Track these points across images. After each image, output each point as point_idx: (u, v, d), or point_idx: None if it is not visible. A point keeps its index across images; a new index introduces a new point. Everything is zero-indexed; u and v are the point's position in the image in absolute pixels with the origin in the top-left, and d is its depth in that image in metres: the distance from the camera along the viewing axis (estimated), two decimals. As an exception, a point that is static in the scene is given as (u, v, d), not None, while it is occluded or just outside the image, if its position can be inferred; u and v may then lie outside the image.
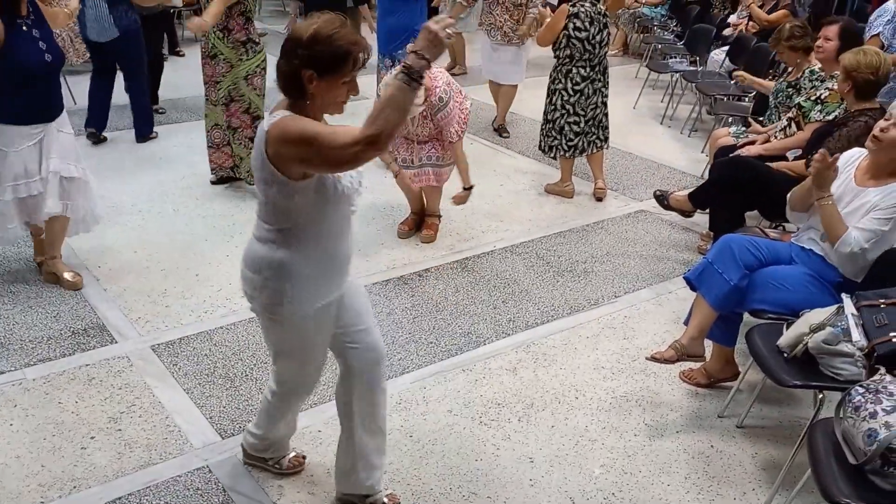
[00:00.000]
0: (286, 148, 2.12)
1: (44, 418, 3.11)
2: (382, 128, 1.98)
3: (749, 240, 3.30)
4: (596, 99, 5.33)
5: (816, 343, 2.76)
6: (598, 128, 5.41)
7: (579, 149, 5.40)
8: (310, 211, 2.25)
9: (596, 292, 4.26)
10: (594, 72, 5.26)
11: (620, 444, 3.10)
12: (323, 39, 2.11)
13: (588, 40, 5.13)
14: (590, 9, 5.13)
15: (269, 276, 2.32)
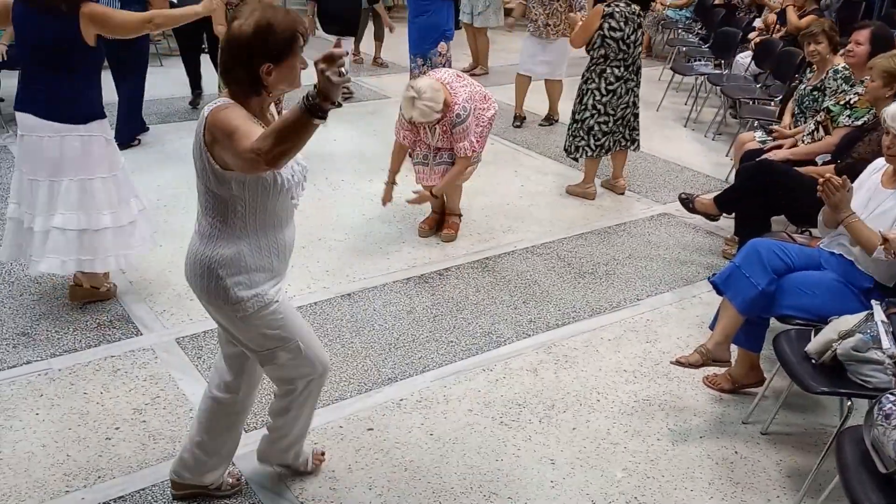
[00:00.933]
0: (216, 135, 2.11)
1: (69, 408, 3.14)
2: (271, 148, 1.92)
3: (777, 244, 3.28)
4: (628, 99, 5.31)
5: (845, 350, 2.73)
6: (626, 128, 5.39)
7: (605, 148, 5.38)
8: (248, 200, 2.23)
9: (618, 295, 4.24)
10: (628, 72, 5.23)
11: (643, 448, 3.08)
12: (268, 29, 2.10)
13: (623, 40, 5.11)
14: (624, 9, 5.11)
15: (206, 274, 2.31)
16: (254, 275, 2.32)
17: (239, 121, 2.09)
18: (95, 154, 3.56)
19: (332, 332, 3.74)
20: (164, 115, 6.85)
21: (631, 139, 5.46)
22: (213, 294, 2.33)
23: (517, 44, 9.91)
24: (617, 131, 5.36)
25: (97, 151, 3.56)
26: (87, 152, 3.53)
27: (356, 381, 3.40)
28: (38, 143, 3.46)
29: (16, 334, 3.60)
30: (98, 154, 3.57)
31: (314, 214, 4.97)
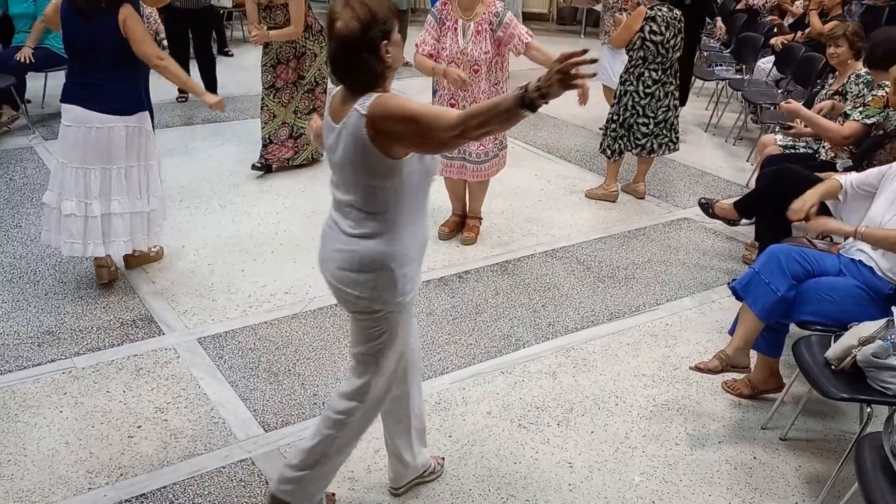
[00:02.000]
0: (390, 125, 2.10)
1: (92, 406, 3.19)
2: (477, 126, 1.98)
3: (797, 250, 3.26)
4: (667, 101, 5.32)
5: (865, 356, 2.72)
6: (671, 130, 5.40)
7: (647, 149, 5.40)
8: (405, 191, 2.23)
9: (637, 299, 4.24)
10: (665, 75, 5.25)
11: (661, 453, 3.08)
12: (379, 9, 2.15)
13: (662, 44, 5.13)
14: (667, 13, 5.13)
15: (379, 270, 2.28)
16: (413, 265, 2.34)
17: (413, 103, 2.12)
18: (139, 144, 3.81)
19: (351, 333, 3.77)
20: (186, 118, 6.93)
21: (675, 140, 5.47)
22: (379, 289, 2.29)
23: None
24: (661, 133, 5.37)
25: (140, 141, 3.81)
26: (132, 142, 3.78)
27: (375, 382, 3.42)
28: (87, 134, 3.68)
29: (41, 332, 3.66)
30: (140, 144, 3.82)
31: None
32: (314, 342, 3.70)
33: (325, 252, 2.37)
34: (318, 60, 5.54)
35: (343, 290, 2.33)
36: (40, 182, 5.33)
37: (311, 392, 3.34)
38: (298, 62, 5.50)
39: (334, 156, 2.27)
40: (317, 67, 5.55)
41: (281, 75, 5.48)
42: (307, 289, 4.16)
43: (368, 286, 2.29)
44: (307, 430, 3.06)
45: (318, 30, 5.52)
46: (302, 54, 5.47)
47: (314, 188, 5.47)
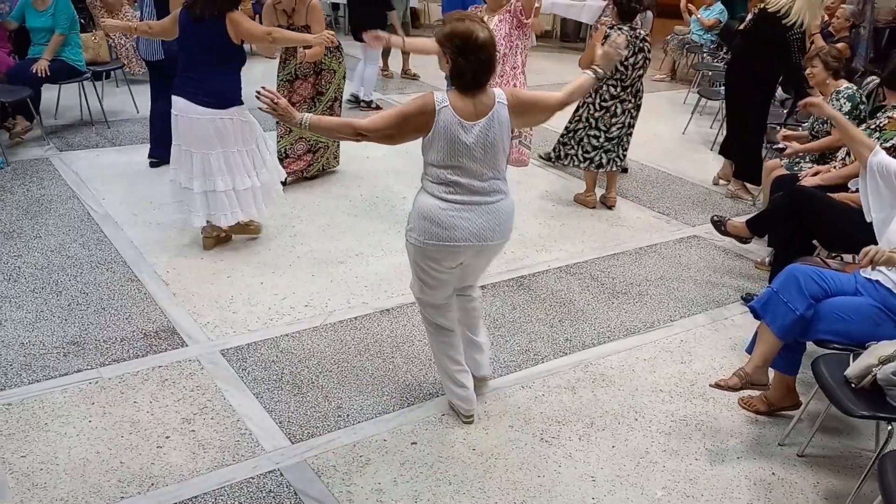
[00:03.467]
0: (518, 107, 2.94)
1: (120, 416, 3.23)
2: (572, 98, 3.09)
3: (814, 270, 3.33)
4: (624, 119, 5.52)
5: (885, 375, 2.78)
6: (619, 147, 5.60)
7: (595, 163, 5.61)
8: None
9: (651, 315, 4.30)
10: (625, 92, 5.44)
11: (682, 468, 3.13)
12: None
13: (621, 62, 5.27)
14: (627, 33, 5.27)
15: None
16: None
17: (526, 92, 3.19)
18: (234, 132, 4.41)
19: (372, 346, 3.82)
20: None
21: (622, 157, 5.69)
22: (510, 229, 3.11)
23: (538, 64, 10.04)
24: (611, 150, 5.57)
25: (236, 130, 4.41)
26: (227, 132, 4.38)
27: (398, 395, 3.47)
28: (191, 123, 4.33)
29: (66, 343, 3.70)
30: (236, 131, 4.42)
31: (350, 230, 5.06)
32: (335, 355, 3.74)
33: (490, 227, 2.98)
34: (338, 76, 5.64)
35: (503, 243, 3.12)
36: (57, 193, 5.38)
37: (335, 405, 3.39)
38: (317, 78, 5.58)
39: (475, 148, 2.86)
40: (336, 83, 5.67)
41: (297, 90, 5.55)
42: (326, 302, 4.21)
43: (509, 229, 3.11)
44: (333, 443, 3.14)
45: (336, 45, 5.58)
46: (321, 70, 5.55)
47: (328, 202, 5.53)
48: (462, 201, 2.92)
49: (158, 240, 4.78)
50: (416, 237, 2.98)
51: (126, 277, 4.33)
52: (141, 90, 7.81)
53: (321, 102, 5.64)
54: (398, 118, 2.86)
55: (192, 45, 4.28)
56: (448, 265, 3.04)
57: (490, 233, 2.98)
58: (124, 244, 4.70)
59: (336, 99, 5.74)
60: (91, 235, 4.79)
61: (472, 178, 2.92)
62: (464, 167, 2.89)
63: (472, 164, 2.89)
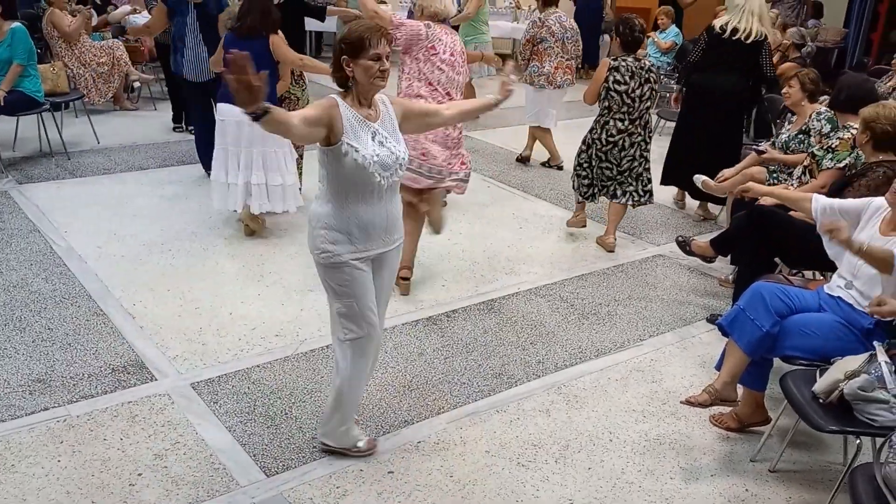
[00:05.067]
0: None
1: (90, 455, 3.16)
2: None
3: (778, 287, 3.40)
4: (633, 151, 5.36)
5: (852, 389, 2.85)
6: (637, 181, 5.43)
7: (611, 193, 5.47)
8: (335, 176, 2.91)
9: (621, 335, 4.35)
10: (633, 125, 5.31)
11: (657, 487, 3.16)
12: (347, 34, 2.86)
13: (627, 94, 5.22)
14: (632, 63, 5.22)
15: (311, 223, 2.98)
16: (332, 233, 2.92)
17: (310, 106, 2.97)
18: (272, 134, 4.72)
19: (345, 375, 3.80)
20: (161, 159, 6.92)
21: (643, 191, 5.46)
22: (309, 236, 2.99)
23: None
24: (625, 182, 5.42)
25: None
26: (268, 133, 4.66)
27: (373, 423, 3.46)
28: (239, 126, 4.95)
29: (31, 381, 3.62)
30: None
31: (318, 258, 5.04)
32: (308, 385, 3.72)
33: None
34: (301, 104, 5.63)
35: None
36: (17, 227, 5.28)
37: (310, 435, 3.36)
38: (280, 105, 5.54)
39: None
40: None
41: None
42: (297, 331, 4.18)
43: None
44: (309, 475, 3.11)
45: (298, 74, 5.63)
46: (283, 99, 5.55)
47: (295, 229, 5.51)
48: None
49: (124, 272, 4.72)
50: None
51: (92, 312, 4.26)
52: (101, 120, 7.77)
53: None
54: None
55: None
56: None
57: None
58: (89, 278, 4.63)
59: None
60: (54, 269, 4.71)
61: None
62: None
63: None
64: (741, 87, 5.81)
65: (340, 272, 2.93)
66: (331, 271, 2.95)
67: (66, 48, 7.54)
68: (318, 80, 7.95)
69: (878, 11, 10.79)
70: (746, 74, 5.78)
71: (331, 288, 3.00)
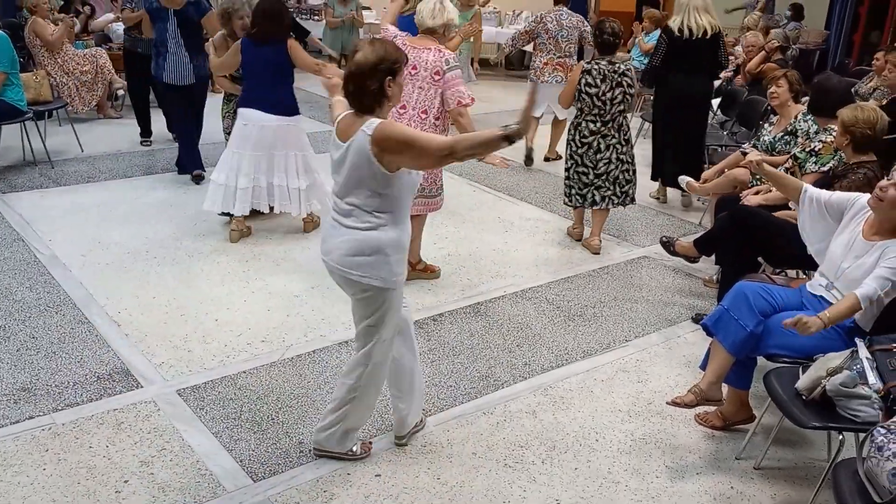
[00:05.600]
0: (389, 146, 2.73)
1: (76, 462, 3.15)
2: (464, 149, 2.68)
3: (762, 286, 3.43)
4: (609, 154, 5.39)
5: (834, 386, 2.88)
6: (614, 184, 5.46)
7: (589, 200, 5.49)
8: (399, 196, 2.86)
9: (607, 336, 4.37)
10: (606, 127, 5.36)
11: (643, 487, 3.18)
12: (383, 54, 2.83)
13: (598, 96, 5.28)
14: (604, 67, 5.28)
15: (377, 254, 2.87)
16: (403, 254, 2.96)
17: (408, 129, 2.86)
18: (296, 137, 5.24)
19: (332, 379, 3.80)
20: (145, 167, 6.90)
21: (621, 193, 5.51)
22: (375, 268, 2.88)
23: (486, 93, 10.20)
24: (603, 186, 5.45)
25: (298, 135, 5.25)
26: (291, 136, 5.18)
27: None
28: (261, 130, 5.07)
29: (16, 389, 3.60)
30: (298, 137, 5.25)
31: (305, 263, 5.04)
32: (295, 390, 3.71)
33: (329, 244, 2.96)
34: None
35: (347, 272, 2.91)
36: (1, 237, 5.25)
37: (297, 440, 3.36)
38: None
39: (338, 168, 2.88)
40: None
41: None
42: (284, 336, 4.18)
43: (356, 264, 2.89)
44: (296, 479, 3.11)
45: None
46: None
47: (280, 234, 5.51)
48: (332, 218, 2.99)
49: (109, 280, 4.70)
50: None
51: (76, 320, 4.24)
52: (84, 128, 7.75)
53: None
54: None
55: (259, 66, 5.04)
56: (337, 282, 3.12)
57: (329, 253, 2.98)
58: (73, 286, 4.61)
59: None
60: (38, 278, 4.69)
61: (338, 198, 2.95)
62: (336, 183, 2.96)
63: (338, 184, 2.93)
64: (710, 87, 6.37)
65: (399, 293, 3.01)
66: (396, 296, 2.97)
67: (48, 57, 7.51)
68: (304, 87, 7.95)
69: (859, 13, 10.90)
70: (711, 72, 6.24)
71: (389, 312, 2.98)
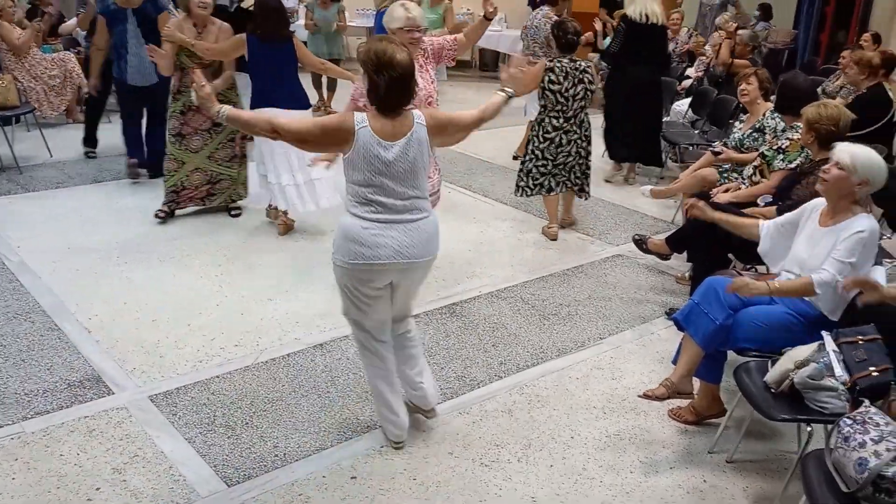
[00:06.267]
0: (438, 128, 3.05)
1: (46, 471, 3.11)
2: (488, 116, 3.18)
3: (730, 281, 3.47)
4: (570, 148, 5.61)
5: (802, 379, 2.92)
6: (570, 173, 5.68)
7: (546, 187, 5.70)
8: None
9: (581, 334, 4.39)
10: (568, 123, 5.54)
11: (618, 482, 3.20)
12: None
13: (561, 93, 5.44)
14: (567, 65, 5.45)
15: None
16: None
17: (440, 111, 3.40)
18: None
19: (306, 383, 3.78)
20: (116, 172, 6.82)
21: (578, 185, 5.76)
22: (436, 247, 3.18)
23: (460, 94, 10.23)
24: (559, 174, 5.67)
25: None
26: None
27: (335, 430, 3.45)
28: None
29: (-16, 398, 3.55)
30: None
31: (277, 265, 5.02)
32: (269, 394, 3.70)
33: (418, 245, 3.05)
34: None
35: (433, 257, 3.16)
36: (-32, 243, 5.18)
37: (272, 444, 3.34)
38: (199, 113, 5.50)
39: (395, 167, 2.95)
40: None
41: (189, 122, 5.53)
42: (257, 340, 4.16)
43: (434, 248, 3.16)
44: (271, 483, 3.10)
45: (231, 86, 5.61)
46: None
47: (254, 238, 5.48)
48: (384, 220, 2.99)
49: (79, 287, 4.65)
50: (340, 258, 3.03)
51: (46, 327, 4.19)
52: (53, 133, 7.66)
53: (218, 133, 5.64)
54: (316, 127, 2.98)
55: (270, 63, 5.13)
56: (376, 285, 3.08)
57: (414, 250, 3.03)
58: (43, 293, 4.55)
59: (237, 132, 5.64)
60: (7, 285, 4.62)
61: (394, 198, 2.98)
62: (384, 186, 2.96)
63: (393, 183, 2.96)
64: (660, 75, 7.21)
65: None
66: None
67: (15, 61, 7.40)
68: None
69: (825, 13, 11.05)
70: (664, 61, 7.20)
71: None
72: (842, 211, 3.31)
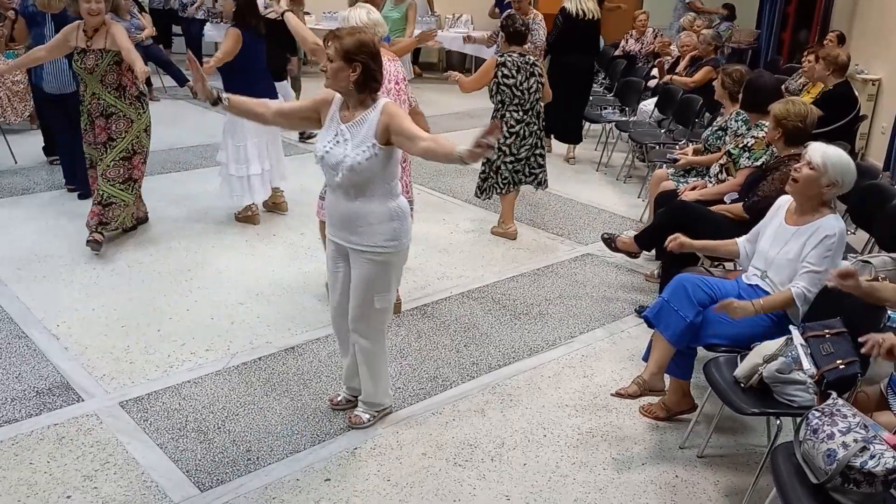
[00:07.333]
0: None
1: (16, 480, 3.06)
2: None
3: (700, 278, 3.52)
4: (531, 141, 5.69)
5: (770, 373, 2.97)
6: (525, 164, 5.74)
7: (514, 182, 5.74)
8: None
9: (553, 333, 4.43)
10: (528, 115, 5.62)
11: (591, 479, 3.23)
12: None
13: (516, 87, 5.51)
14: (517, 59, 5.51)
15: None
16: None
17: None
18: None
19: (279, 386, 3.77)
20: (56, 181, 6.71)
21: (534, 177, 5.80)
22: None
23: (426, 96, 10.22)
24: (521, 171, 5.75)
25: None
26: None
27: (309, 433, 3.44)
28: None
29: (-51, 408, 3.48)
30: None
31: (248, 270, 4.99)
32: (241, 398, 3.67)
33: None
34: (136, 127, 5.22)
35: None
36: (-70, 250, 5.07)
37: (244, 448, 3.32)
38: (107, 122, 5.16)
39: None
40: (134, 134, 5.22)
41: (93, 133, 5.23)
42: (228, 344, 4.13)
43: None
44: (244, 487, 3.08)
45: (135, 95, 5.21)
46: (111, 115, 5.14)
47: (223, 244, 5.44)
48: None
49: (46, 293, 4.58)
50: (406, 241, 3.25)
51: (13, 334, 4.12)
52: (18, 139, 7.52)
53: (112, 149, 5.16)
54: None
55: (261, 58, 5.41)
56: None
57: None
58: (9, 300, 4.47)
59: (135, 153, 5.25)
60: (-30, 293, 4.54)
61: None
62: None
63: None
64: (593, 66, 8.12)
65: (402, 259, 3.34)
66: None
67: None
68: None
69: (787, 12, 11.23)
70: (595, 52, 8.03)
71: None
72: (809, 211, 3.36)
